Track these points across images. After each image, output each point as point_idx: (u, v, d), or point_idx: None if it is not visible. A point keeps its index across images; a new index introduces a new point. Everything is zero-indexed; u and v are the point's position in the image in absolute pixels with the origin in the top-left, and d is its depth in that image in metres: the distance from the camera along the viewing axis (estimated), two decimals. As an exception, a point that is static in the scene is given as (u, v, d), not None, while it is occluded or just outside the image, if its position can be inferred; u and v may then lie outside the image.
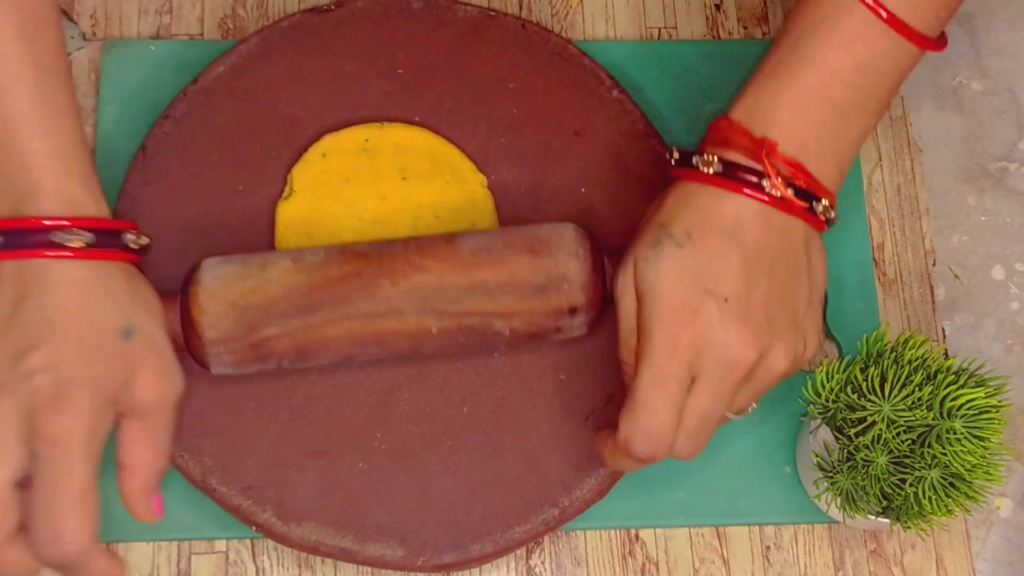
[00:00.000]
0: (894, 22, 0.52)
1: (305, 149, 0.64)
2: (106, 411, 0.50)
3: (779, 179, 0.52)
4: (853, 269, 0.66)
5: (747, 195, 0.52)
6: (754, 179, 0.52)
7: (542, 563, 0.61)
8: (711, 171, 0.53)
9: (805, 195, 0.52)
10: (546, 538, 0.61)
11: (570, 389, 0.61)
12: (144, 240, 0.53)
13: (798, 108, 0.53)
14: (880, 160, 0.69)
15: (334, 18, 0.66)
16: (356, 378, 0.60)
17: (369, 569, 0.60)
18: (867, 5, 0.52)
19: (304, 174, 0.64)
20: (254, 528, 0.58)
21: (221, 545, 0.60)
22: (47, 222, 0.50)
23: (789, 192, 0.52)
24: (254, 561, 0.60)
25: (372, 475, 0.59)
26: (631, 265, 0.54)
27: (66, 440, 0.48)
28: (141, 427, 0.51)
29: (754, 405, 0.55)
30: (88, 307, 0.50)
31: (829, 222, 0.54)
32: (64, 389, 0.48)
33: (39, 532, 0.48)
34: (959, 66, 0.72)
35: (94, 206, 0.52)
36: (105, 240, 0.51)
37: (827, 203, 0.53)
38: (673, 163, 0.55)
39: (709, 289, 0.51)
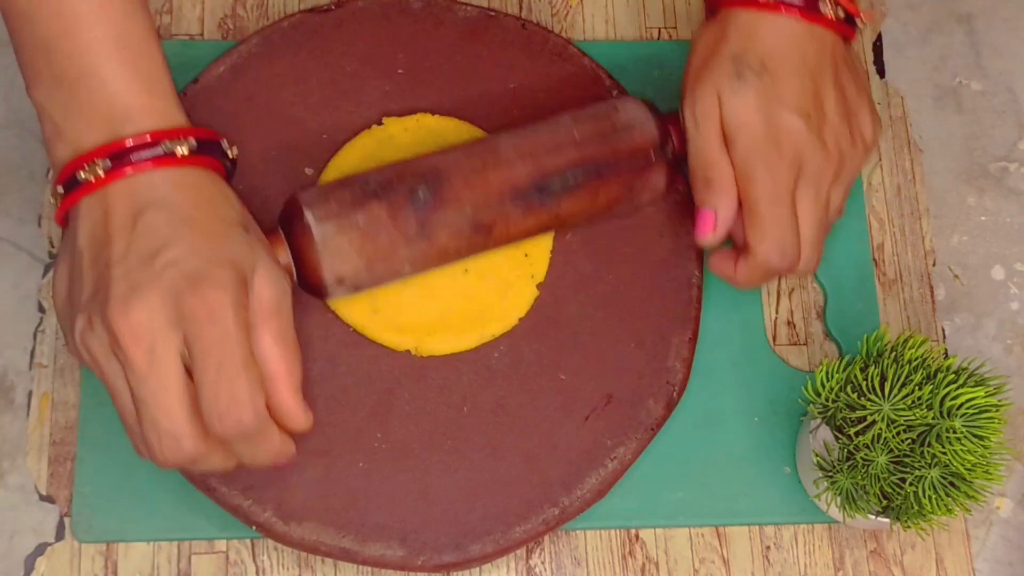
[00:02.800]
0: None
1: (305, 147, 0.64)
2: (243, 291, 0.49)
3: (830, 2, 0.58)
4: (853, 269, 0.66)
5: (805, 18, 0.58)
6: (804, 4, 0.58)
7: (542, 563, 0.61)
8: None
9: (845, 14, 0.59)
10: (546, 538, 0.61)
11: (570, 389, 0.61)
12: (235, 151, 0.55)
13: None
14: (880, 160, 0.69)
15: (334, 18, 0.66)
16: (356, 378, 0.61)
17: (369, 569, 0.60)
18: None
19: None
20: (254, 528, 0.58)
21: (221, 545, 0.60)
22: (149, 137, 0.50)
23: (840, 12, 0.58)
24: (254, 561, 0.60)
25: (372, 475, 0.59)
26: (710, 96, 0.58)
27: (218, 311, 0.48)
28: (269, 332, 0.50)
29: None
30: (205, 204, 0.51)
31: (858, 32, 0.61)
32: (204, 269, 0.48)
33: (215, 406, 0.48)
34: (959, 66, 0.72)
35: (186, 122, 0.53)
36: (206, 148, 0.52)
37: (858, 18, 0.60)
38: None
39: (793, 109, 0.57)
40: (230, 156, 0.54)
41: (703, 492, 0.62)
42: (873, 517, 0.56)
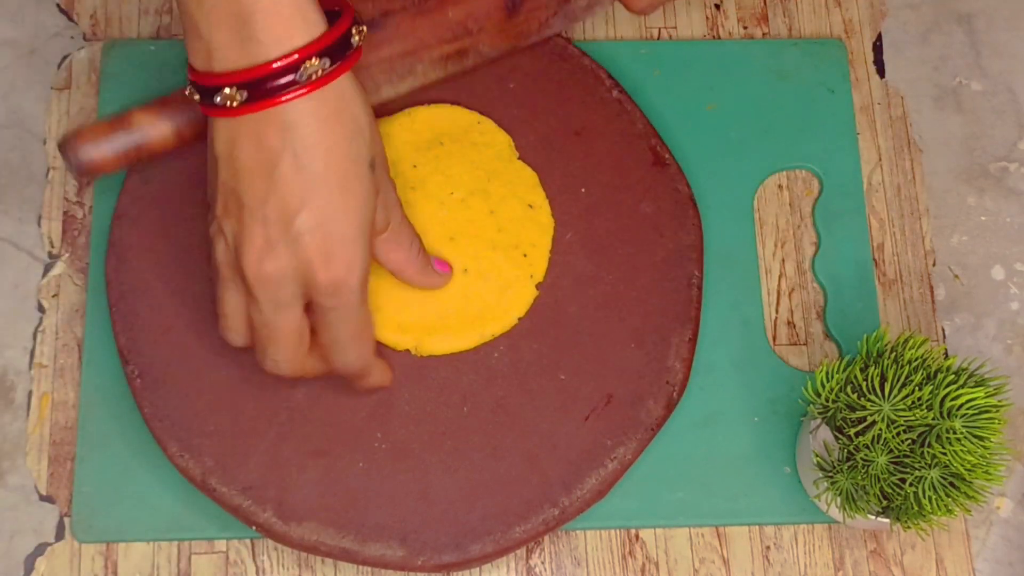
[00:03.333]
0: None
1: None
2: (368, 246, 0.53)
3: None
4: (853, 269, 0.66)
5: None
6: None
7: (542, 563, 0.61)
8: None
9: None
10: (546, 538, 0.61)
11: (570, 389, 0.61)
12: (363, 27, 0.52)
13: None
14: (880, 160, 0.69)
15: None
16: (356, 378, 0.61)
17: (369, 569, 0.60)
18: None
19: None
20: (254, 528, 0.58)
21: (221, 545, 0.60)
22: (294, 60, 0.48)
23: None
24: (254, 561, 0.60)
25: (372, 475, 0.59)
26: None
27: (342, 289, 0.52)
28: (387, 239, 0.56)
29: None
30: (337, 146, 0.50)
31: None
32: (333, 247, 0.51)
33: (331, 357, 0.55)
34: (959, 66, 0.72)
35: (321, 19, 0.50)
36: (338, 52, 0.50)
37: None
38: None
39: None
40: (359, 44, 0.51)
41: (703, 492, 0.62)
42: (873, 517, 0.56)
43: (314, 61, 0.49)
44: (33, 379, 0.62)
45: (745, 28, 0.71)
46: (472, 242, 0.63)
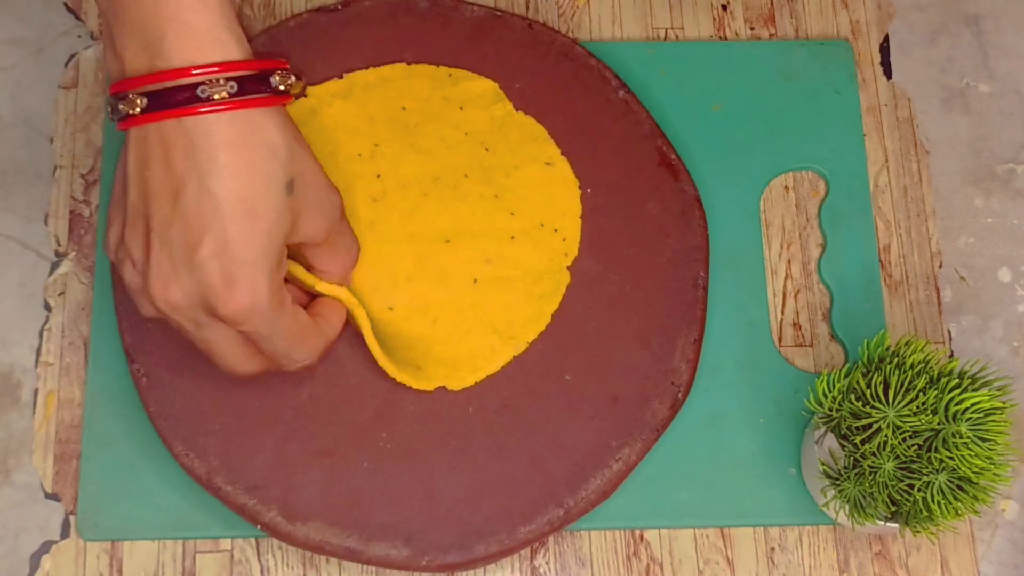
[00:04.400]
0: None
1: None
2: (279, 264, 0.51)
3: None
4: (859, 271, 0.66)
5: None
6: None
7: (547, 563, 0.61)
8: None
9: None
10: (551, 538, 0.61)
11: (575, 390, 0.61)
12: (292, 82, 0.51)
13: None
14: (887, 161, 0.69)
15: (341, 17, 0.66)
16: (361, 377, 0.61)
17: (374, 569, 0.60)
18: None
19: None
20: (259, 527, 0.58)
21: (226, 544, 0.60)
22: (195, 72, 0.48)
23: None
24: (259, 560, 0.60)
25: (377, 475, 0.59)
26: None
27: (251, 314, 0.50)
28: (319, 251, 0.55)
29: None
30: (245, 171, 0.49)
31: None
32: (235, 271, 0.49)
33: (280, 363, 0.55)
34: (966, 68, 0.72)
35: (237, 46, 0.49)
36: (254, 86, 0.49)
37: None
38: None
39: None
40: (283, 90, 0.50)
41: (708, 493, 0.62)
42: (882, 523, 0.56)
43: (219, 81, 0.48)
44: (39, 377, 0.62)
45: (752, 29, 0.71)
46: (477, 241, 0.61)
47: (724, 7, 0.71)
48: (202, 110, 0.48)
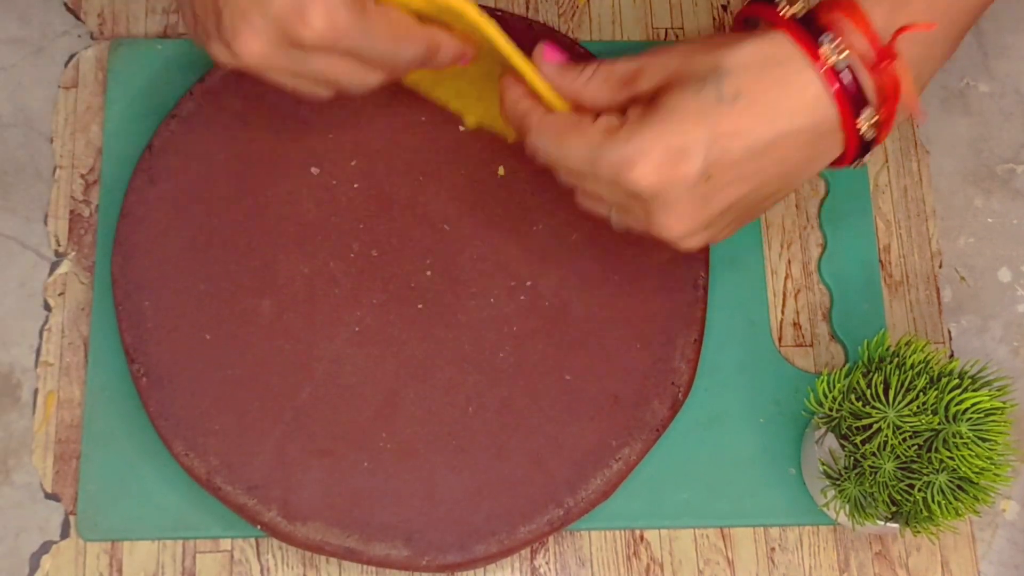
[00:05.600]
0: None
1: (311, 146, 0.64)
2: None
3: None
4: (859, 271, 0.66)
5: (819, 73, 0.48)
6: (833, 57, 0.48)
7: (547, 563, 0.61)
8: (789, 14, 0.48)
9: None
10: (551, 538, 0.61)
11: (575, 390, 0.61)
12: None
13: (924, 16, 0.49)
14: (887, 161, 0.69)
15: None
16: (361, 377, 0.61)
17: (374, 569, 0.60)
18: None
19: None
20: (259, 527, 0.58)
21: (226, 544, 0.60)
22: None
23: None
24: (259, 560, 0.60)
25: (377, 475, 0.59)
26: (669, 67, 0.51)
27: (332, 32, 0.49)
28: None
29: None
30: None
31: (864, 149, 0.51)
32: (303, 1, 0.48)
33: (387, 67, 0.52)
34: (966, 68, 0.72)
35: None
36: None
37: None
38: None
39: (706, 156, 0.49)
40: None
41: (708, 493, 0.62)
42: (882, 523, 0.56)
43: None
44: (39, 377, 0.62)
45: (752, 29, 0.71)
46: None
47: (724, 7, 0.71)
48: None
